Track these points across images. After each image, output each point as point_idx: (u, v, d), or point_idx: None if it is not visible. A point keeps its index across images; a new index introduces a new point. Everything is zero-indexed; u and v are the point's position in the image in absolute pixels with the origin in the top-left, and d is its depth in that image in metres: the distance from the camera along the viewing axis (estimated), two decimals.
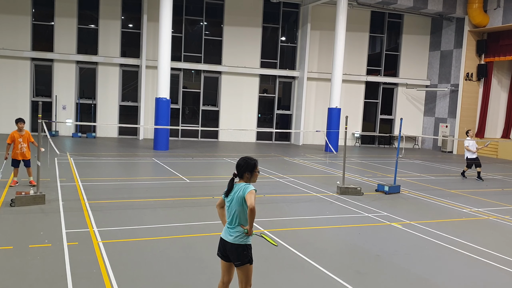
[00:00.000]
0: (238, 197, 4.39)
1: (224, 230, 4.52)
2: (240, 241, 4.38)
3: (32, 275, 5.48)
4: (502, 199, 12.11)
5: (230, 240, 4.40)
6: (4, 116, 22.20)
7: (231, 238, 4.40)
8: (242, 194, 4.36)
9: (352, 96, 26.40)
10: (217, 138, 25.17)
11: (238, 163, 4.52)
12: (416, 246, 7.50)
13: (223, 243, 4.47)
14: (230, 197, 4.46)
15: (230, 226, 4.45)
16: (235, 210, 4.41)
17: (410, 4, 23.27)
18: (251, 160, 4.54)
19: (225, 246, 4.45)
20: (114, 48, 23.45)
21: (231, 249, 4.39)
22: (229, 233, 4.43)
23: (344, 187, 11.49)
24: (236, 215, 4.42)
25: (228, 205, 4.48)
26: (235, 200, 4.41)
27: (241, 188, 4.40)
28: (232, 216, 4.43)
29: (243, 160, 4.53)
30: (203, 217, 8.57)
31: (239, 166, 4.49)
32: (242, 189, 4.38)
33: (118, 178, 12.24)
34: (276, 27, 25.70)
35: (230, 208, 4.46)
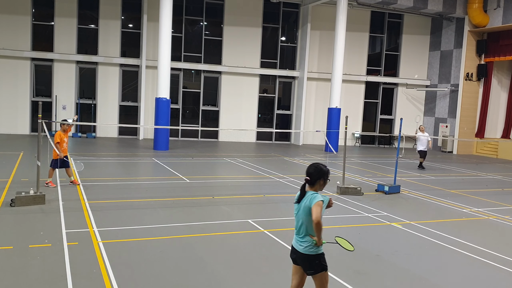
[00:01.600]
0: (305, 207, 4.26)
1: (294, 237, 4.44)
2: (311, 251, 4.29)
3: (32, 275, 5.48)
4: (502, 199, 12.11)
5: (300, 250, 4.32)
6: (4, 116, 22.23)
7: (301, 248, 4.31)
8: (309, 204, 4.21)
9: (352, 96, 26.40)
10: (217, 138, 25.17)
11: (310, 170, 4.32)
12: (416, 246, 7.49)
13: (294, 250, 4.40)
14: (298, 205, 4.32)
15: (299, 235, 4.36)
16: (302, 220, 4.30)
17: (410, 4, 23.27)
18: (325, 167, 4.37)
19: (296, 254, 4.38)
20: (114, 48, 23.45)
21: (302, 259, 4.33)
22: (299, 242, 4.35)
23: (344, 187, 11.48)
24: (303, 224, 4.30)
25: (296, 213, 4.36)
26: (302, 209, 4.28)
27: (308, 197, 4.26)
28: (300, 226, 4.34)
29: (315, 167, 4.33)
30: (203, 217, 8.57)
31: (314, 173, 4.30)
32: (309, 199, 4.24)
33: (118, 178, 12.24)
34: (276, 27, 25.70)
35: (297, 217, 4.35)
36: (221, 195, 10.71)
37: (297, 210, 4.36)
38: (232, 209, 9.36)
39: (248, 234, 7.77)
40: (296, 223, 4.40)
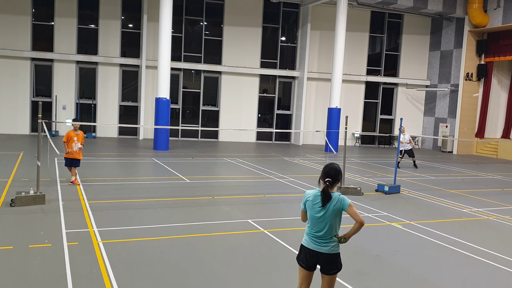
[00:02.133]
0: (335, 209, 4.26)
1: (311, 241, 4.35)
2: (336, 250, 4.35)
3: (32, 275, 5.48)
4: (502, 199, 12.11)
5: (326, 251, 4.30)
6: (4, 116, 22.23)
7: (327, 249, 4.30)
8: (340, 207, 4.26)
9: (352, 96, 26.40)
10: (217, 138, 25.17)
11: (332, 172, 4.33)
12: (416, 246, 7.50)
13: (314, 254, 4.32)
14: (324, 209, 4.27)
15: (324, 238, 4.30)
16: (330, 223, 4.28)
17: (410, 4, 23.27)
18: (339, 167, 4.44)
19: (317, 257, 4.33)
20: (114, 48, 23.45)
21: (328, 259, 4.31)
22: (323, 244, 4.31)
23: (344, 187, 11.48)
24: (331, 226, 4.29)
25: (320, 215, 4.28)
26: (332, 212, 4.26)
27: (336, 199, 4.27)
28: (326, 228, 4.29)
29: (335, 169, 4.36)
30: (203, 217, 8.57)
31: (336, 175, 4.33)
32: (339, 201, 4.27)
33: (118, 178, 12.24)
34: (276, 27, 25.70)
35: (322, 219, 4.28)
36: (221, 195, 10.71)
37: (322, 213, 4.28)
38: (232, 209, 9.36)
39: (248, 234, 7.77)
40: (319, 226, 4.31)
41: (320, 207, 4.27)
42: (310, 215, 4.36)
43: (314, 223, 4.33)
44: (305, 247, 4.38)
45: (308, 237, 4.39)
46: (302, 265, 4.42)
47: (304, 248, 4.39)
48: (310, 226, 4.39)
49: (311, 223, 4.36)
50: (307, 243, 4.37)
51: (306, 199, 4.39)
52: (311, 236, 4.35)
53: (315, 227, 4.32)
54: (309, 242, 4.35)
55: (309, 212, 4.36)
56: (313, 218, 4.33)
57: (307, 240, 4.39)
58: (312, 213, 4.33)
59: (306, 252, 4.37)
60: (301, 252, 4.43)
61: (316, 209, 4.30)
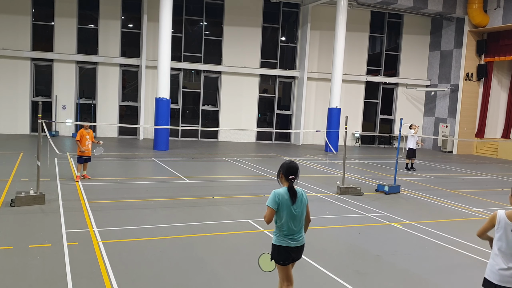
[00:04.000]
0: (304, 203, 4.52)
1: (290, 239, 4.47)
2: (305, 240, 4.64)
3: (32, 275, 5.48)
4: (502, 199, 12.10)
5: (302, 243, 4.57)
6: (4, 116, 22.23)
7: (302, 241, 4.57)
8: (306, 200, 4.56)
9: (352, 96, 26.40)
10: (217, 138, 25.17)
11: (295, 166, 4.49)
12: (416, 246, 7.50)
13: (296, 249, 4.53)
14: (296, 204, 4.45)
15: (300, 232, 4.53)
16: (302, 216, 4.53)
17: (410, 4, 23.27)
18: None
19: (299, 250, 4.56)
20: (114, 48, 23.45)
21: (301, 251, 4.61)
22: (299, 238, 4.53)
23: (344, 187, 11.48)
24: (302, 220, 4.54)
25: (297, 211, 4.45)
26: (302, 206, 4.50)
27: (300, 192, 4.52)
28: (301, 222, 4.53)
29: (296, 165, 4.53)
30: (203, 217, 8.57)
31: (298, 170, 4.51)
32: (303, 194, 4.54)
33: (118, 178, 12.24)
34: (276, 27, 25.70)
35: (298, 216, 4.47)
36: (221, 195, 10.71)
37: (298, 209, 4.45)
38: (232, 209, 9.36)
39: (248, 234, 7.77)
40: (296, 222, 4.46)
41: (292, 204, 4.41)
42: (287, 213, 4.41)
43: (291, 220, 4.43)
44: (285, 247, 4.46)
45: (285, 237, 4.46)
46: (286, 264, 4.54)
47: (287, 248, 4.46)
48: (285, 224, 4.43)
49: (288, 221, 4.41)
50: (287, 242, 4.45)
51: (280, 199, 4.40)
52: (289, 234, 4.45)
53: (293, 224, 4.44)
54: (289, 241, 4.46)
55: (285, 210, 4.40)
56: (290, 216, 4.41)
57: (286, 239, 4.45)
58: (288, 210, 4.41)
59: (287, 251, 4.47)
60: (282, 253, 4.48)
61: (291, 206, 4.42)
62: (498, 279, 3.93)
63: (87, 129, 11.61)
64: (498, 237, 3.96)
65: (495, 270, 3.95)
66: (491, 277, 3.98)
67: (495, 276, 3.95)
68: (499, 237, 3.94)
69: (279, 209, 4.40)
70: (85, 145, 11.46)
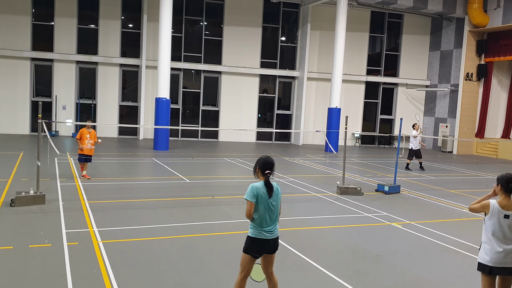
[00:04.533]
0: (279, 197, 4.71)
1: (265, 231, 4.61)
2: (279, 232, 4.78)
3: (32, 275, 5.48)
4: None
5: (276, 235, 4.71)
6: (4, 116, 22.23)
7: (276, 233, 4.72)
8: (281, 194, 4.75)
9: (352, 96, 26.40)
10: (217, 138, 25.17)
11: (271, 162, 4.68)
12: (416, 246, 7.50)
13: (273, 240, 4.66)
14: (273, 197, 4.62)
15: (275, 224, 4.68)
16: (278, 209, 4.71)
17: (410, 4, 23.27)
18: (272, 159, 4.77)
19: (275, 241, 4.70)
20: (114, 48, 23.45)
21: (276, 242, 4.73)
22: (273, 230, 4.68)
23: (344, 187, 11.48)
24: (278, 212, 4.72)
25: (275, 204, 4.65)
26: (278, 199, 4.69)
27: (276, 186, 4.68)
28: (276, 215, 4.68)
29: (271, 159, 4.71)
30: (203, 217, 8.57)
31: (273, 165, 4.69)
32: (278, 188, 4.70)
33: (118, 178, 12.24)
34: (276, 27, 25.70)
35: (275, 209, 4.66)
36: (221, 195, 10.71)
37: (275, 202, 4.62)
38: (232, 209, 9.36)
39: None
40: (272, 215, 4.62)
41: (269, 198, 4.56)
42: (264, 206, 4.56)
43: (267, 213, 4.57)
44: (261, 239, 4.58)
45: (260, 229, 4.59)
46: (256, 256, 4.64)
47: (260, 240, 4.59)
48: (262, 217, 4.57)
49: (264, 214, 4.56)
50: (263, 235, 4.59)
51: (257, 192, 4.57)
52: (264, 226, 4.58)
53: (269, 216, 4.58)
54: (264, 233, 4.59)
55: (262, 204, 4.55)
56: (267, 209, 4.57)
57: (261, 232, 4.59)
58: (265, 204, 4.56)
59: (261, 243, 4.58)
60: (255, 245, 4.60)
61: (268, 200, 4.57)
62: (494, 261, 4.46)
63: (89, 128, 11.78)
64: (491, 224, 4.48)
65: (492, 254, 4.46)
66: (487, 261, 4.49)
67: (491, 259, 4.47)
68: (492, 224, 4.47)
69: (257, 202, 4.55)
70: (85, 143, 11.59)
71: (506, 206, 4.46)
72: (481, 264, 4.57)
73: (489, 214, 4.51)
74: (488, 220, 4.53)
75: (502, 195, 4.53)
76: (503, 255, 4.43)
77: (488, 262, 4.49)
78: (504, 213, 4.44)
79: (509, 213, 4.44)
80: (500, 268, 4.47)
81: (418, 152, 16.88)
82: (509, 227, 4.44)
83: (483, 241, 4.59)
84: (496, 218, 4.46)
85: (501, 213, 4.45)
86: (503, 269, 4.48)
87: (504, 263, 4.46)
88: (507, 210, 4.45)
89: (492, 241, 4.48)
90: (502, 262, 4.46)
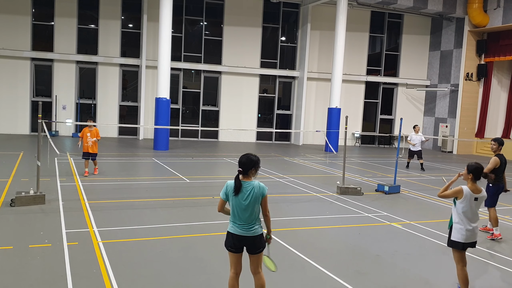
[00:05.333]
0: (256, 196, 4.58)
1: (237, 226, 4.62)
2: (258, 232, 4.67)
3: (32, 275, 5.48)
4: (502, 199, 12.08)
5: (251, 234, 4.61)
6: (4, 116, 22.23)
7: (251, 233, 4.61)
8: (261, 194, 4.61)
9: (352, 96, 26.41)
10: (217, 138, 25.17)
11: (243, 161, 4.65)
12: (416, 246, 7.50)
13: (240, 238, 4.61)
14: (245, 196, 4.56)
15: (248, 223, 4.60)
16: (253, 209, 4.59)
17: (410, 4, 23.27)
18: (255, 157, 4.70)
19: (244, 241, 4.62)
20: (114, 48, 23.45)
21: (253, 241, 4.63)
22: (247, 229, 4.60)
23: (344, 187, 11.49)
24: (253, 212, 4.59)
25: (246, 203, 4.56)
26: (254, 199, 4.57)
27: (256, 186, 4.60)
28: (249, 214, 4.58)
29: (247, 157, 4.66)
30: (203, 217, 8.57)
31: (246, 163, 4.62)
32: (259, 188, 4.60)
33: (118, 178, 12.24)
34: (276, 27, 25.70)
35: (247, 207, 4.57)
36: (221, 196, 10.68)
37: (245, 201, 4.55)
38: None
39: None
40: (244, 213, 4.57)
41: (234, 195, 4.57)
42: (234, 204, 4.61)
43: (239, 210, 4.59)
44: (232, 233, 4.65)
45: (233, 224, 4.66)
46: (231, 249, 4.69)
47: (231, 234, 4.66)
48: (233, 214, 4.64)
49: (235, 210, 4.61)
50: (234, 229, 4.64)
51: (228, 190, 4.67)
52: (236, 222, 4.63)
53: (240, 214, 4.59)
54: (236, 228, 4.62)
55: (232, 200, 4.62)
56: (237, 205, 4.59)
57: (233, 227, 4.65)
58: (235, 201, 4.59)
59: (233, 237, 4.64)
60: (228, 238, 4.69)
61: (237, 197, 4.58)
62: (465, 238, 5.39)
63: (90, 127, 12.22)
64: (463, 206, 5.40)
65: (464, 231, 5.39)
66: (459, 238, 5.43)
67: (462, 237, 5.40)
68: (464, 206, 5.39)
69: (228, 199, 4.67)
70: (86, 142, 12.05)
71: (475, 190, 5.41)
72: (454, 242, 5.47)
73: (462, 198, 5.40)
74: (459, 203, 5.43)
75: (471, 182, 5.46)
76: (471, 232, 5.39)
77: (460, 239, 5.41)
78: (474, 196, 5.37)
79: (477, 195, 5.38)
80: (469, 243, 5.43)
81: (419, 153, 17.02)
82: (476, 207, 5.40)
83: (454, 221, 5.50)
84: (468, 201, 5.38)
85: (472, 196, 5.37)
86: (472, 243, 5.46)
87: (472, 238, 5.42)
88: (476, 193, 5.39)
89: (464, 220, 5.40)
90: (471, 237, 5.41)
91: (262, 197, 4.62)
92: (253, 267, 4.75)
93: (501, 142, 8.46)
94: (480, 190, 5.48)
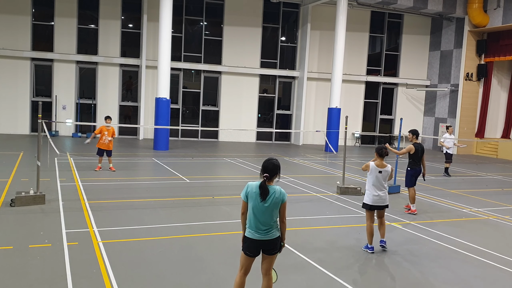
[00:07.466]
0: (276, 201, 4.56)
1: (255, 231, 4.58)
2: (275, 235, 4.65)
3: (32, 275, 5.48)
4: (502, 199, 12.11)
5: (269, 238, 4.60)
6: (4, 116, 22.22)
7: (268, 236, 4.59)
8: (281, 199, 4.59)
9: (352, 96, 26.40)
10: (217, 138, 25.17)
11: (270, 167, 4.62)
12: (416, 246, 7.50)
13: (259, 243, 4.59)
14: (265, 201, 4.53)
15: (266, 226, 4.57)
16: (272, 213, 4.57)
17: (410, 4, 23.27)
18: (277, 161, 4.70)
19: (262, 245, 4.60)
20: (114, 48, 23.44)
21: (270, 244, 4.62)
22: (266, 233, 4.58)
23: (344, 187, 11.49)
24: (271, 216, 4.57)
25: (265, 206, 4.53)
26: (274, 203, 4.55)
27: (277, 191, 4.58)
28: (268, 218, 4.55)
29: (272, 163, 4.65)
30: (203, 217, 8.57)
31: (273, 169, 4.61)
32: (280, 194, 4.59)
33: (118, 178, 12.23)
34: (276, 27, 25.70)
35: (266, 210, 4.54)
36: (221, 195, 10.71)
37: (266, 205, 4.51)
38: (232, 209, 9.36)
39: None
40: (262, 217, 4.53)
41: (261, 201, 4.52)
42: (252, 207, 4.56)
43: (258, 214, 4.54)
44: (250, 238, 4.60)
45: (251, 229, 4.61)
46: (249, 254, 4.65)
47: (249, 239, 4.61)
48: (251, 216, 4.58)
49: (254, 214, 4.56)
50: (252, 234, 4.59)
51: (248, 191, 4.60)
52: (254, 226, 4.58)
53: (258, 216, 4.54)
54: (253, 233, 4.58)
55: (252, 203, 4.56)
56: (256, 210, 4.54)
57: (251, 231, 4.60)
58: (255, 204, 4.54)
59: (251, 242, 4.60)
60: (247, 243, 4.64)
61: (259, 202, 4.52)
62: (372, 201, 7.03)
63: (108, 126, 13.09)
64: (371, 177, 7.03)
65: (371, 197, 7.03)
66: (368, 201, 7.07)
67: (370, 200, 7.04)
68: (372, 177, 7.03)
69: (247, 201, 4.61)
70: (103, 139, 12.94)
71: (380, 165, 7.01)
72: (366, 204, 7.09)
73: (369, 171, 7.04)
74: (369, 175, 7.06)
75: (377, 158, 7.05)
76: (377, 197, 7.01)
77: (369, 202, 7.04)
78: (378, 170, 6.98)
79: (381, 169, 6.98)
80: (376, 205, 7.03)
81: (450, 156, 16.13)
82: (382, 179, 6.99)
83: (366, 189, 7.16)
84: (374, 174, 7.00)
85: (376, 170, 7.00)
86: (378, 206, 7.05)
87: (378, 202, 7.02)
88: (380, 167, 6.99)
89: (372, 188, 7.03)
90: (377, 201, 7.02)
91: (282, 202, 4.59)
92: (266, 267, 4.72)
93: (415, 133, 10.35)
94: (385, 165, 7.03)
